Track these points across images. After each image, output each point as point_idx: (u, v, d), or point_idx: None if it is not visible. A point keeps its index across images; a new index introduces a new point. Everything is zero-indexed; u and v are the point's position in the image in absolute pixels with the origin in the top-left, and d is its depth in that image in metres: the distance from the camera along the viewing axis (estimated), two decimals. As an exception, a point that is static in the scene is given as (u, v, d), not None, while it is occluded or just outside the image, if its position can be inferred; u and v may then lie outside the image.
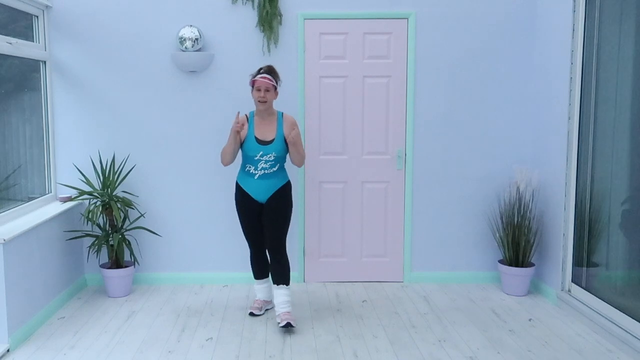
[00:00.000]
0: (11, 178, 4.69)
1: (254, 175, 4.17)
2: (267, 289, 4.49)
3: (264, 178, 4.16)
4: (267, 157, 4.13)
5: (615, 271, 4.26)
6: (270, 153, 4.13)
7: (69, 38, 4.97)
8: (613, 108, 4.16)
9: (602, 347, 3.87)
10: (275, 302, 4.23)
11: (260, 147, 4.13)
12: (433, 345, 3.93)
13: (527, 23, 5.05)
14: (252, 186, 4.18)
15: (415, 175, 5.17)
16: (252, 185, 4.18)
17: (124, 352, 3.82)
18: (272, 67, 4.23)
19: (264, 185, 4.16)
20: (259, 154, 4.13)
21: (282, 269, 4.24)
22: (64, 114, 5.04)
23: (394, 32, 5.05)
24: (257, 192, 4.18)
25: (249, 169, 4.19)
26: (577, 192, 4.55)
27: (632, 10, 4.02)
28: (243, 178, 4.24)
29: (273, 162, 4.15)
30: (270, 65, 4.25)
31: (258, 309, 4.45)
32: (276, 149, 4.15)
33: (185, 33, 4.86)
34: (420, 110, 5.11)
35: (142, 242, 5.15)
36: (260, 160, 4.13)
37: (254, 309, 4.45)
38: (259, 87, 4.11)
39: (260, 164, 4.14)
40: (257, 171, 4.15)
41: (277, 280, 4.23)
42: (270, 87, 4.12)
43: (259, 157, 4.13)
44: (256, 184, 4.17)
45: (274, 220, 4.21)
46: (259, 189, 4.17)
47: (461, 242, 5.24)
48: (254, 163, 4.16)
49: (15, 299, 3.92)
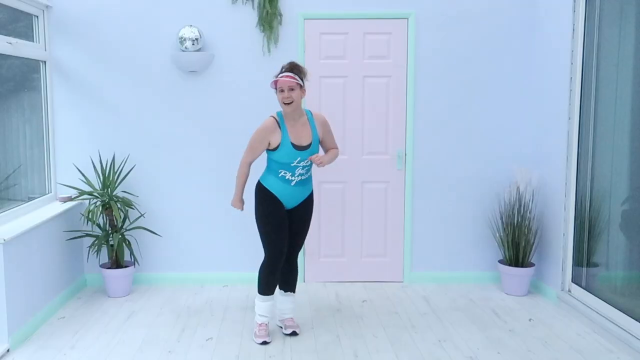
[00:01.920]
0: (11, 178, 4.69)
1: (290, 182, 3.87)
2: (272, 306, 4.05)
3: (300, 184, 3.91)
4: (305, 162, 3.86)
5: (615, 271, 4.26)
6: (307, 158, 3.87)
7: (69, 38, 4.97)
8: (613, 108, 4.17)
9: (602, 347, 3.87)
10: (280, 307, 4.14)
11: (298, 152, 3.82)
12: (433, 345, 3.93)
13: (527, 23, 5.05)
14: (287, 193, 3.89)
15: (415, 175, 5.17)
16: (287, 192, 3.89)
17: (124, 352, 3.82)
18: (294, 64, 3.85)
19: (299, 192, 3.93)
20: (296, 160, 3.83)
21: (295, 277, 4.16)
22: (64, 114, 5.04)
23: (394, 32, 5.05)
24: (291, 198, 3.92)
25: (284, 174, 3.86)
26: (577, 192, 4.55)
27: (632, 11, 4.02)
28: (276, 183, 3.88)
29: (309, 167, 3.92)
30: (292, 62, 3.87)
31: (267, 336, 3.96)
32: (313, 153, 3.90)
33: (185, 33, 4.86)
34: (420, 110, 5.12)
35: (142, 242, 5.15)
36: (297, 167, 3.85)
37: (265, 337, 3.94)
38: (281, 88, 3.75)
39: (297, 170, 3.86)
40: (295, 177, 3.87)
41: (288, 287, 4.13)
42: (295, 85, 3.75)
43: (296, 163, 3.84)
44: (292, 190, 3.90)
45: (302, 227, 4.04)
46: (293, 195, 3.92)
47: (461, 242, 5.24)
48: (290, 169, 3.85)
49: (15, 299, 3.92)
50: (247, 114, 5.00)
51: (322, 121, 3.99)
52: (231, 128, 5.04)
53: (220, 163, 5.08)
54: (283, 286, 4.13)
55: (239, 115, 5.05)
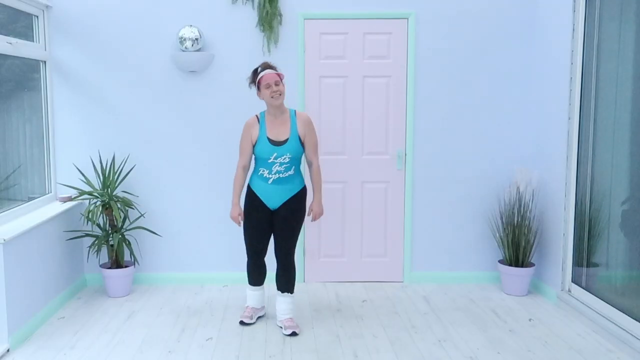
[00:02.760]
0: (11, 178, 4.69)
1: (267, 180, 3.94)
2: (260, 296, 4.30)
3: (278, 183, 3.94)
4: (282, 159, 3.90)
5: (615, 271, 4.26)
6: (285, 154, 3.90)
7: (69, 38, 4.97)
8: (613, 108, 4.17)
9: (602, 347, 3.87)
10: (278, 307, 4.17)
11: (274, 148, 3.90)
12: (433, 345, 3.93)
13: (527, 23, 5.05)
14: (265, 191, 3.96)
15: (415, 175, 5.17)
16: (265, 191, 3.96)
17: (124, 352, 3.82)
18: (268, 63, 4.01)
19: (277, 191, 3.95)
20: (272, 155, 3.89)
21: (289, 277, 4.12)
22: (64, 114, 5.04)
23: (394, 32, 5.05)
24: (270, 197, 3.97)
25: (262, 172, 3.95)
26: (577, 192, 4.55)
27: (632, 10, 4.02)
28: (256, 182, 4.00)
29: (288, 165, 3.92)
30: (265, 62, 4.03)
31: (249, 318, 4.24)
32: (291, 149, 3.91)
33: (185, 33, 4.86)
34: (420, 110, 5.12)
35: (142, 242, 5.15)
36: (274, 163, 3.90)
37: (245, 318, 4.24)
38: (267, 84, 3.87)
39: (274, 167, 3.91)
40: (272, 175, 3.92)
41: (283, 287, 4.14)
42: (279, 79, 3.91)
43: (273, 159, 3.90)
44: (270, 189, 3.95)
45: (286, 229, 4.02)
46: (272, 194, 3.95)
47: (461, 242, 5.24)
48: (267, 166, 3.92)
49: (15, 299, 3.92)
50: (247, 114, 4.97)
51: (305, 120, 4.02)
52: (231, 128, 5.03)
53: (220, 163, 5.08)
54: (279, 287, 4.15)
55: (239, 115, 5.04)
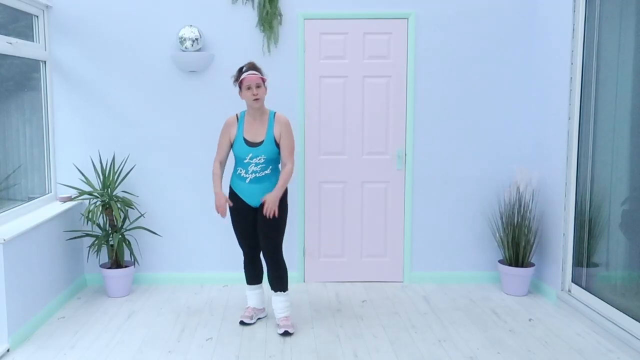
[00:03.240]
0: (11, 178, 4.69)
1: (245, 179, 4.01)
2: (259, 295, 4.31)
3: (255, 182, 4.00)
4: (257, 159, 3.96)
5: (615, 271, 4.26)
6: (260, 155, 3.95)
7: (69, 38, 4.97)
8: (613, 108, 4.16)
9: (602, 347, 3.88)
10: (274, 307, 4.16)
11: (250, 149, 3.96)
12: (433, 345, 3.93)
13: (527, 23, 5.05)
14: (244, 190, 4.03)
15: (415, 175, 5.17)
16: (243, 189, 4.03)
17: (124, 352, 3.82)
18: (254, 63, 4.03)
19: (255, 190, 4.01)
20: (248, 156, 3.96)
21: (279, 275, 4.10)
22: (64, 114, 5.04)
23: (394, 32, 5.05)
24: (249, 196, 4.03)
25: (240, 172, 4.03)
26: (577, 192, 4.55)
27: (632, 11, 4.02)
28: (235, 181, 4.08)
29: (264, 165, 3.98)
30: (251, 62, 4.05)
31: (249, 318, 4.24)
32: (265, 151, 3.96)
33: (185, 33, 4.86)
34: (420, 110, 5.12)
35: (142, 242, 5.15)
36: (250, 163, 3.97)
37: (245, 318, 4.24)
38: (248, 85, 3.91)
39: (250, 167, 3.98)
40: (248, 175, 3.99)
41: (274, 287, 4.12)
42: (260, 82, 3.94)
43: (249, 159, 3.97)
44: (248, 188, 4.01)
45: (268, 226, 4.02)
46: (251, 192, 4.02)
47: (461, 242, 5.24)
48: (244, 166, 3.99)
49: (15, 299, 3.92)
50: (247, 114, 5.01)
51: (282, 123, 4.02)
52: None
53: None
54: (271, 287, 4.14)
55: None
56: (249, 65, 4.00)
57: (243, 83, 3.94)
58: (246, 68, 3.98)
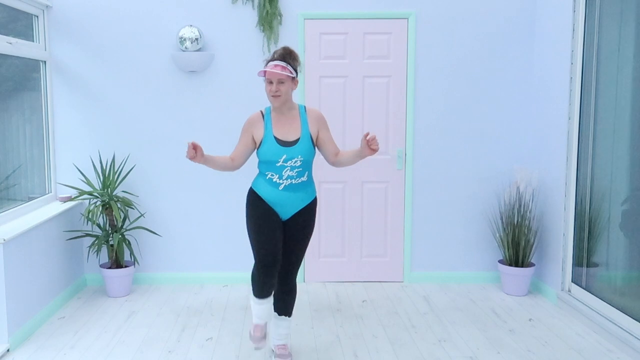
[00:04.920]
0: (11, 178, 4.68)
1: (278, 186, 3.36)
2: (270, 308, 3.56)
3: (291, 190, 3.37)
4: (293, 162, 3.33)
5: (615, 271, 4.26)
6: (296, 156, 3.33)
7: (69, 38, 4.97)
8: (613, 108, 4.17)
9: (602, 347, 3.88)
10: (274, 331, 3.70)
11: (283, 149, 3.33)
12: (433, 345, 3.93)
13: (527, 23, 5.05)
14: (277, 198, 3.37)
15: (415, 175, 5.17)
16: (276, 197, 3.37)
17: (124, 352, 3.82)
18: (288, 49, 3.38)
19: (291, 199, 3.38)
20: (281, 158, 3.32)
21: (291, 298, 3.63)
22: (64, 114, 5.04)
23: (394, 32, 5.06)
24: (282, 205, 3.39)
25: (271, 177, 3.37)
26: (577, 192, 4.55)
27: (632, 11, 4.02)
28: (264, 186, 3.40)
29: (301, 169, 3.36)
30: (286, 47, 3.40)
31: (262, 339, 3.52)
32: (302, 150, 3.35)
33: (185, 33, 4.86)
34: (420, 110, 5.12)
35: (142, 242, 5.15)
36: (284, 167, 3.33)
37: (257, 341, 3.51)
38: (270, 80, 3.32)
39: (285, 172, 3.34)
40: (283, 180, 3.35)
41: (281, 310, 3.63)
42: (285, 77, 3.29)
43: (282, 162, 3.32)
44: (282, 196, 3.37)
45: (296, 243, 3.48)
46: (285, 202, 3.38)
47: (461, 242, 5.24)
48: (277, 170, 3.34)
49: (15, 299, 3.92)
50: (247, 114, 4.98)
51: (317, 116, 3.47)
52: (231, 128, 5.03)
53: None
54: (277, 308, 3.65)
55: (239, 115, 5.04)
56: (281, 53, 3.37)
57: (265, 76, 3.34)
58: (276, 55, 3.37)
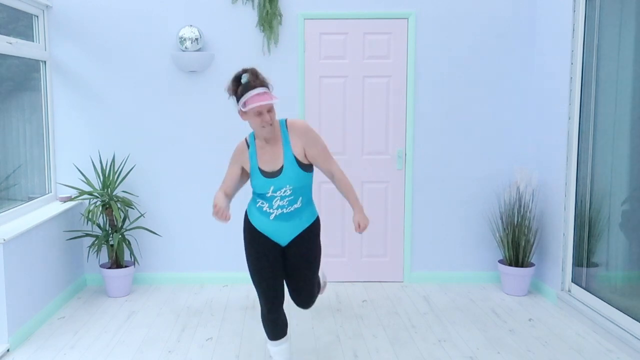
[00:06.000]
0: (11, 178, 4.69)
1: (268, 215, 3.10)
2: (287, 349, 3.35)
3: (282, 219, 3.10)
4: (282, 191, 3.04)
5: (615, 271, 4.26)
6: (284, 187, 3.04)
7: (69, 38, 4.97)
8: (613, 108, 4.17)
9: (602, 347, 3.88)
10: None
11: (269, 181, 3.04)
12: (433, 345, 3.93)
13: (527, 23, 5.05)
14: (269, 228, 3.13)
15: (415, 175, 5.17)
16: (268, 227, 3.13)
17: (124, 352, 3.82)
18: (256, 72, 3.01)
19: (283, 228, 3.12)
20: (269, 189, 3.05)
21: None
22: (64, 114, 5.04)
23: (394, 32, 5.05)
24: (276, 234, 3.14)
25: (261, 205, 3.11)
26: (577, 192, 4.55)
27: (632, 11, 4.02)
28: (256, 215, 3.15)
29: (292, 198, 3.06)
30: (253, 70, 3.02)
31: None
32: (289, 179, 3.03)
33: (185, 33, 4.86)
34: (420, 110, 5.12)
35: (142, 242, 5.15)
36: (274, 197, 3.06)
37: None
38: (259, 111, 2.93)
39: (275, 202, 3.06)
40: (273, 210, 3.08)
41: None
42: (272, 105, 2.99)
43: (272, 193, 3.05)
44: (274, 226, 3.11)
45: (303, 270, 3.20)
46: (277, 231, 3.13)
47: (461, 242, 5.24)
48: (267, 200, 3.08)
49: (15, 299, 3.92)
50: (247, 114, 5.01)
51: (300, 130, 3.09)
52: (231, 128, 5.03)
53: (220, 163, 5.06)
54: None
55: (238, 115, 5.04)
56: (253, 78, 2.96)
57: (247, 105, 2.94)
58: (249, 80, 2.96)
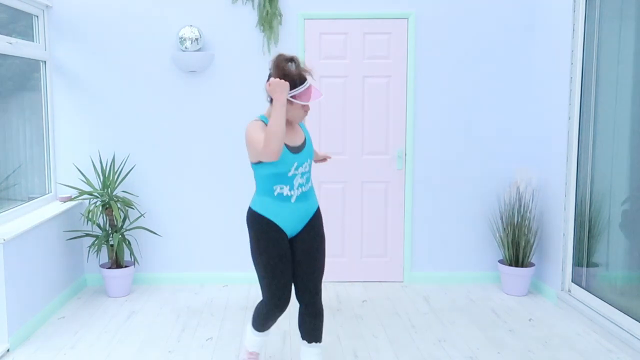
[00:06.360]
0: (11, 178, 4.68)
1: (289, 199, 3.08)
2: (265, 342, 3.53)
3: (302, 200, 3.12)
4: (303, 167, 3.10)
5: (615, 271, 4.26)
6: (306, 161, 3.10)
7: (69, 38, 4.97)
8: (613, 108, 4.17)
9: (602, 347, 3.88)
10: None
11: (294, 156, 3.05)
12: (433, 345, 3.93)
13: (527, 23, 5.05)
14: (288, 214, 3.09)
15: (415, 175, 5.17)
16: (287, 214, 3.09)
17: (124, 352, 3.82)
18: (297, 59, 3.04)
19: (301, 211, 3.12)
20: (293, 166, 3.05)
21: (320, 322, 3.25)
22: (64, 114, 5.04)
23: (394, 32, 5.06)
24: (292, 220, 3.11)
25: (281, 191, 3.07)
26: (577, 192, 4.55)
27: (632, 10, 4.02)
28: (272, 206, 3.08)
29: (309, 174, 3.16)
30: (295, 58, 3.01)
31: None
32: (309, 153, 3.14)
33: (185, 33, 4.86)
34: (420, 110, 5.12)
35: (142, 242, 5.15)
36: (295, 176, 3.07)
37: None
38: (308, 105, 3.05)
39: (296, 180, 3.08)
40: (295, 191, 3.09)
41: (311, 337, 3.24)
42: None
43: (294, 170, 3.06)
44: (293, 210, 3.10)
45: (313, 261, 3.17)
46: (294, 216, 3.11)
47: (461, 242, 5.24)
48: (288, 181, 3.06)
49: (15, 299, 3.92)
50: (247, 114, 5.02)
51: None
52: (231, 128, 5.04)
53: (220, 163, 5.08)
54: (305, 336, 3.25)
55: (239, 115, 5.06)
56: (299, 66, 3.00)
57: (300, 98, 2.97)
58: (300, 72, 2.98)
